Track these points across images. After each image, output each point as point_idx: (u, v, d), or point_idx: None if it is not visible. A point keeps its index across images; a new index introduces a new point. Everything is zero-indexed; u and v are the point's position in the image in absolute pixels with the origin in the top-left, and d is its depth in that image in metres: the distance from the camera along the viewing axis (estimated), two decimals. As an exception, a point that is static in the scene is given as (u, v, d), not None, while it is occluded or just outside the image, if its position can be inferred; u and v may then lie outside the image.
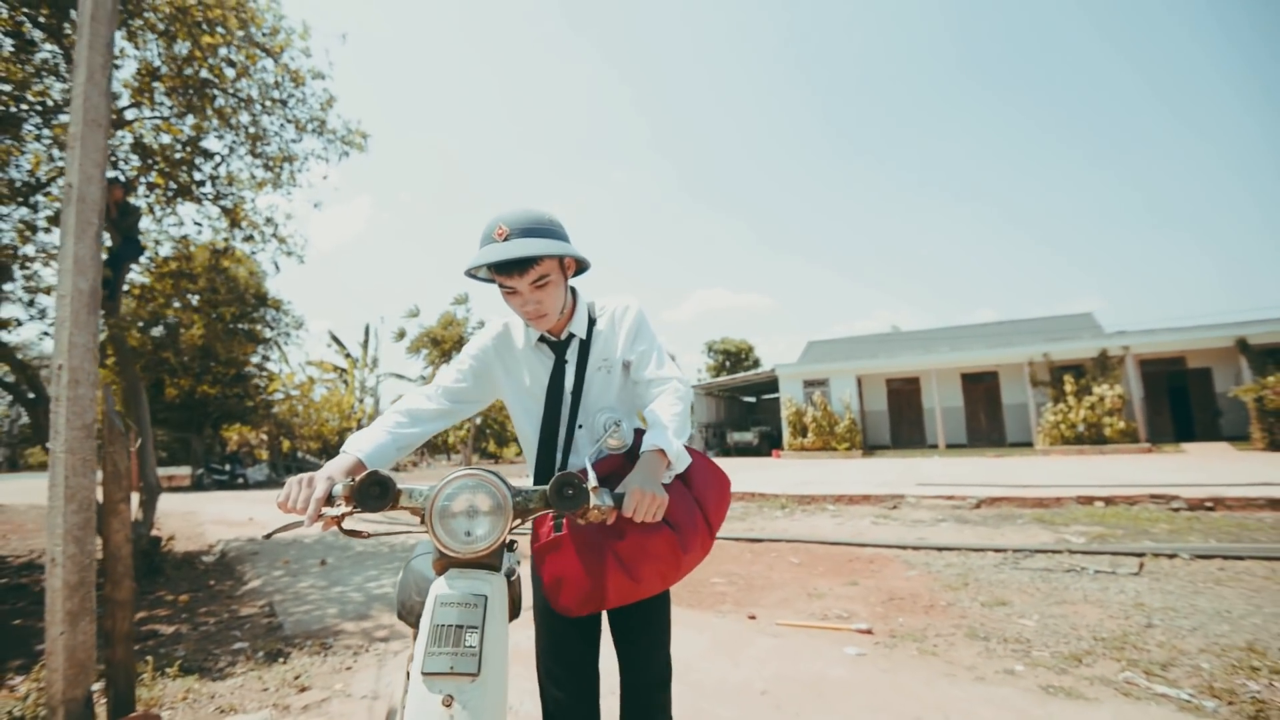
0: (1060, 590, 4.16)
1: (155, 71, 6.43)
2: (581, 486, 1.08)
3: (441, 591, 1.04)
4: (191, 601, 4.95)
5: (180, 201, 7.52)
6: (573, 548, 1.28)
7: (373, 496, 1.05)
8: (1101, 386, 18.33)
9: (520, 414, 1.49)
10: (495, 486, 1.06)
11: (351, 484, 1.05)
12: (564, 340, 1.47)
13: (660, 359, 1.48)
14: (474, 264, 1.28)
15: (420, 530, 1.12)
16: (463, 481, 1.06)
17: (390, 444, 1.35)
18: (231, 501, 13.92)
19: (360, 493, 1.04)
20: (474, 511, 1.06)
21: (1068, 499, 7.95)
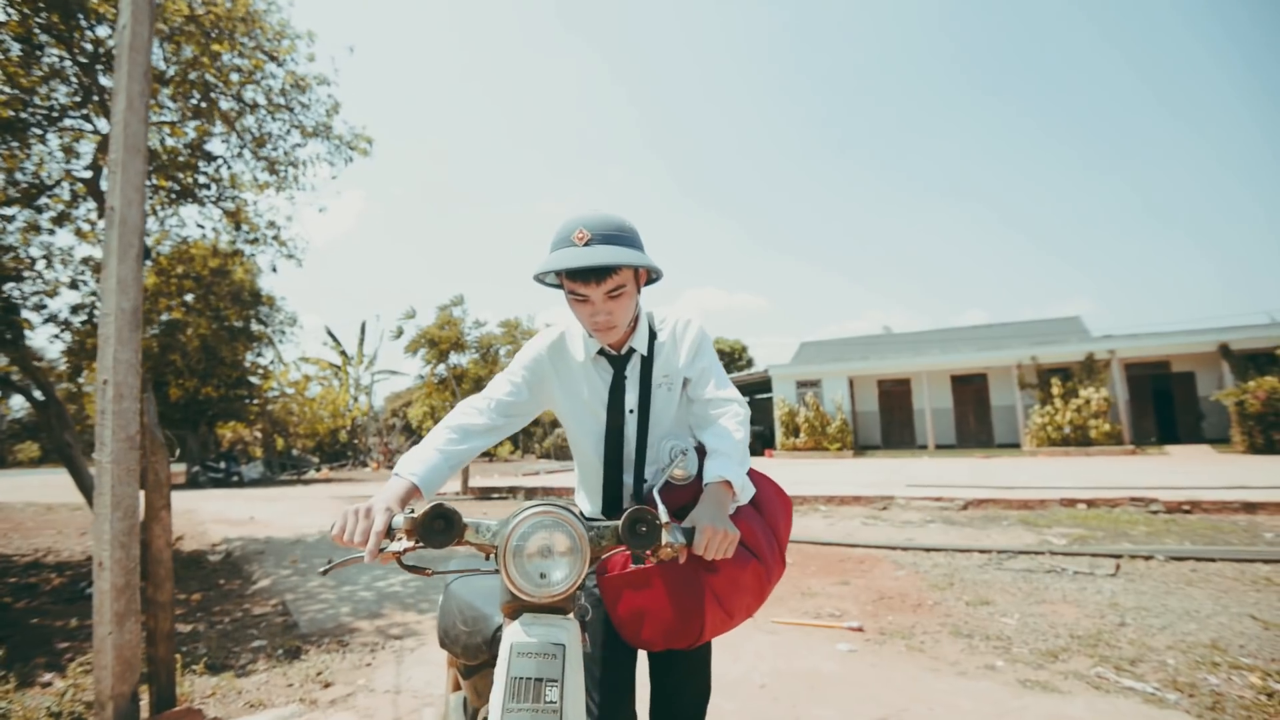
0: (1041, 590, 4.38)
1: (160, 75, 6.53)
2: (655, 524, 1.03)
3: (518, 640, 0.96)
4: (204, 600, 5.10)
5: (183, 203, 7.64)
6: (662, 582, 1.21)
7: (436, 531, 0.98)
8: (1088, 389, 18.67)
9: (577, 429, 1.44)
10: (573, 525, 0.99)
11: (413, 517, 0.99)
12: (624, 355, 1.40)
13: (720, 378, 1.44)
14: (551, 267, 1.21)
15: (488, 569, 1.08)
16: (538, 519, 0.98)
17: (443, 464, 1.27)
18: (229, 499, 14.02)
19: (423, 527, 0.98)
20: (549, 551, 0.98)
21: (1051, 501, 8.21)
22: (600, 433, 1.40)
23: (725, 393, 1.43)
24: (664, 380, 1.41)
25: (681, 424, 1.48)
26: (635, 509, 1.03)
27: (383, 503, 1.06)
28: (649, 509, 1.04)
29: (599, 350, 1.39)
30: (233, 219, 7.80)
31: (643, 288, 1.37)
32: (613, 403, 1.39)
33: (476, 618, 1.32)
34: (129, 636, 2.49)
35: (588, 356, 1.40)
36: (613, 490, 1.41)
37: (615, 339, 1.35)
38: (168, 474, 2.66)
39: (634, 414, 1.39)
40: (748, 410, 1.42)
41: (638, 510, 1.03)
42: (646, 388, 1.40)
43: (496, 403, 1.39)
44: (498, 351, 13.86)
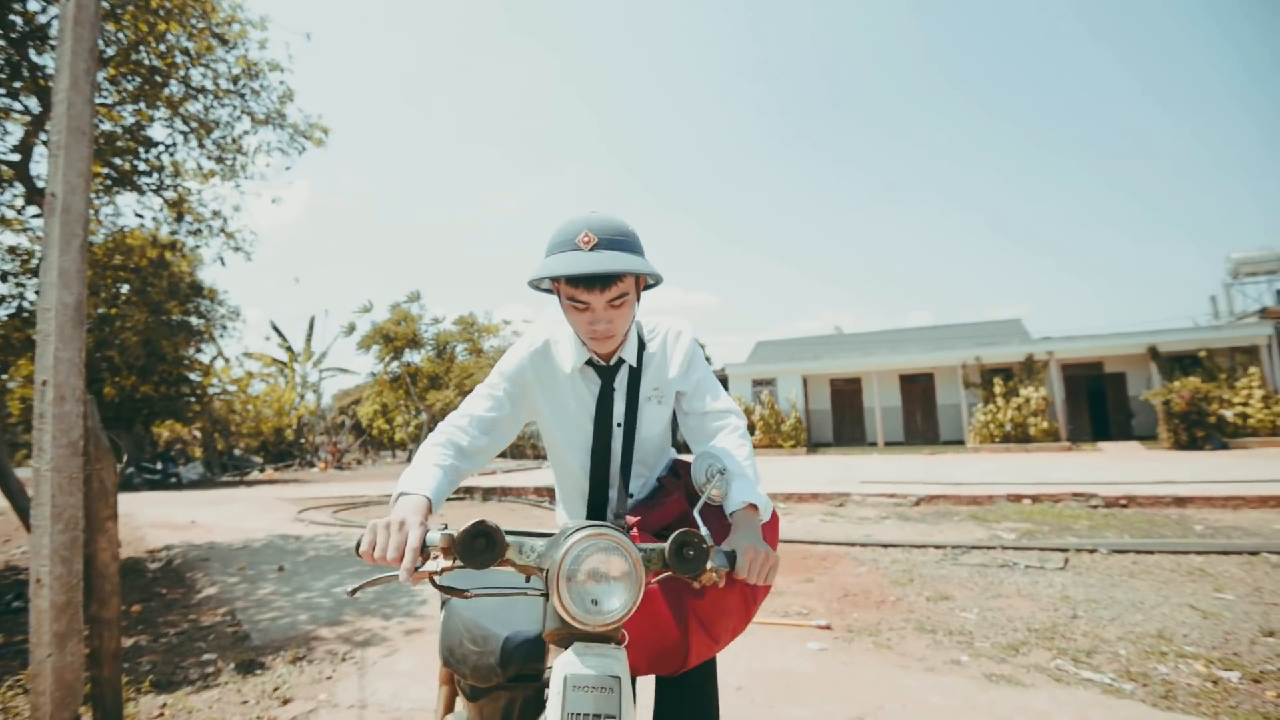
0: (996, 584, 4.53)
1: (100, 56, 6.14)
2: (702, 547, 0.98)
3: (573, 672, 0.89)
4: (145, 612, 4.82)
5: (119, 191, 7.21)
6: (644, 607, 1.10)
7: (477, 551, 0.91)
8: (1028, 389, 19.51)
9: (562, 442, 1.38)
10: (628, 549, 0.92)
11: (451, 534, 0.92)
12: (613, 365, 1.34)
13: (715, 390, 1.41)
14: (555, 272, 1.13)
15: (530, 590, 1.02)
16: (593, 541, 0.91)
17: (445, 480, 1.20)
18: (168, 503, 13.34)
19: (463, 546, 0.91)
20: (602, 576, 0.91)
21: (999, 497, 8.53)
22: (586, 445, 1.35)
23: (722, 404, 1.40)
24: (654, 393, 1.37)
25: (668, 437, 1.45)
26: (682, 531, 0.97)
27: (414, 518, 0.98)
28: (694, 531, 0.99)
29: (587, 360, 1.33)
30: (174, 209, 7.39)
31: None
32: (600, 415, 1.33)
33: (487, 637, 1.25)
34: (71, 659, 2.32)
35: (575, 367, 1.33)
36: (597, 504, 1.37)
37: (610, 349, 1.29)
38: (114, 481, 2.49)
39: (620, 427, 1.35)
40: (745, 420, 1.40)
41: (685, 533, 0.97)
42: (634, 400, 1.35)
43: (477, 420, 1.31)
44: (454, 349, 13.60)
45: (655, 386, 1.37)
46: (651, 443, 1.40)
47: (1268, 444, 15.85)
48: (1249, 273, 25.50)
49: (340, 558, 6.59)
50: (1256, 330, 18.10)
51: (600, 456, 1.35)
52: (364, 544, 0.95)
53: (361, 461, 29.49)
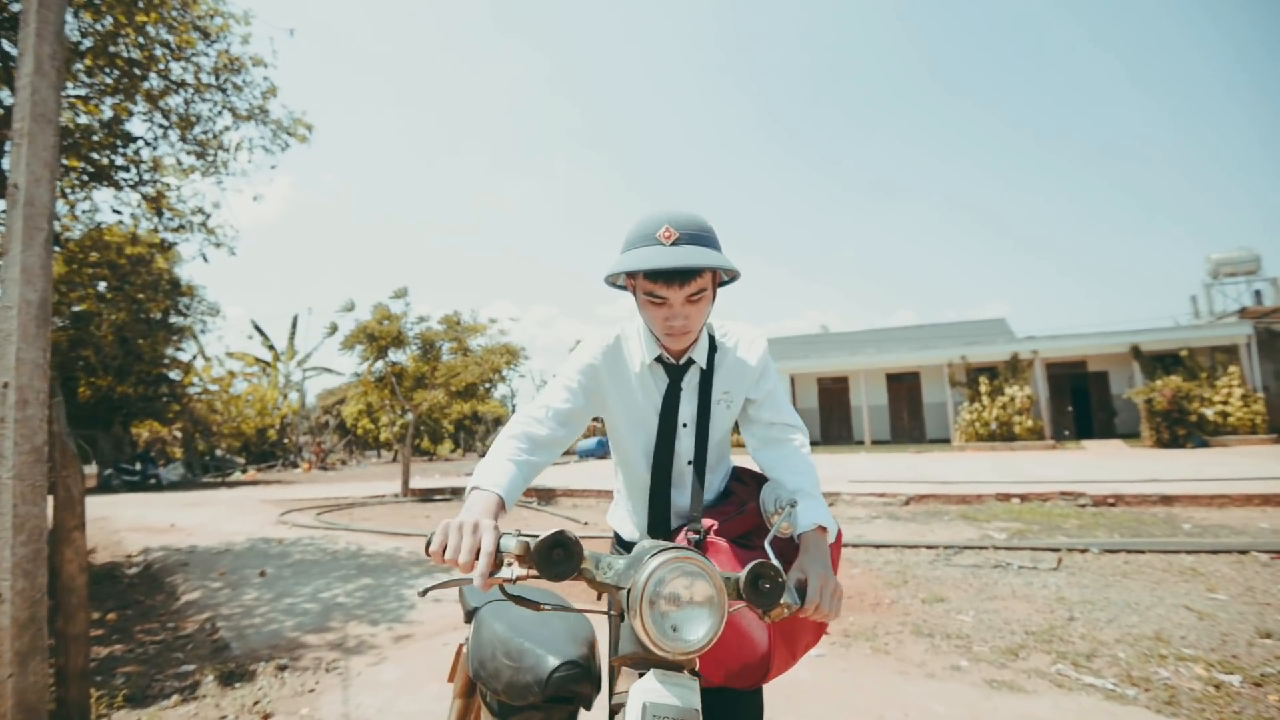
0: (990, 586, 4.50)
1: (75, 46, 5.95)
2: (778, 581, 0.93)
3: (655, 700, 0.85)
4: (121, 620, 4.67)
5: (97, 186, 7.01)
6: (737, 618, 1.10)
7: (555, 561, 0.87)
8: (1012, 387, 19.66)
9: (629, 439, 1.35)
10: (712, 575, 0.86)
11: (527, 541, 0.88)
12: (683, 364, 1.32)
13: (784, 403, 1.40)
14: (638, 266, 1.13)
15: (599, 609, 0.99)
16: (678, 564, 0.85)
17: (519, 476, 1.17)
18: (146, 505, 13.05)
19: (541, 555, 0.86)
20: (682, 601, 0.85)
21: (988, 496, 8.54)
22: (650, 444, 1.34)
23: (788, 418, 1.39)
24: (724, 396, 1.35)
25: (729, 443, 1.43)
26: (758, 563, 0.93)
27: (488, 518, 0.94)
28: (770, 563, 0.94)
29: (656, 357, 1.32)
30: (152, 204, 7.20)
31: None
32: (665, 413, 1.32)
33: (523, 653, 1.20)
34: (34, 678, 2.20)
35: (644, 363, 1.33)
36: (660, 509, 1.33)
37: (684, 345, 1.27)
38: (81, 489, 2.36)
39: (688, 428, 1.33)
40: (808, 437, 1.39)
41: (761, 565, 0.93)
42: (705, 401, 1.33)
43: (554, 412, 1.29)
44: (440, 348, 13.41)
45: (726, 390, 1.35)
46: (719, 447, 1.39)
47: (1247, 442, 16.08)
48: (1228, 273, 25.90)
49: (325, 561, 6.45)
50: (1236, 330, 18.36)
51: (664, 456, 1.32)
52: (434, 544, 0.91)
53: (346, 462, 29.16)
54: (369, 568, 6.00)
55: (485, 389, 13.99)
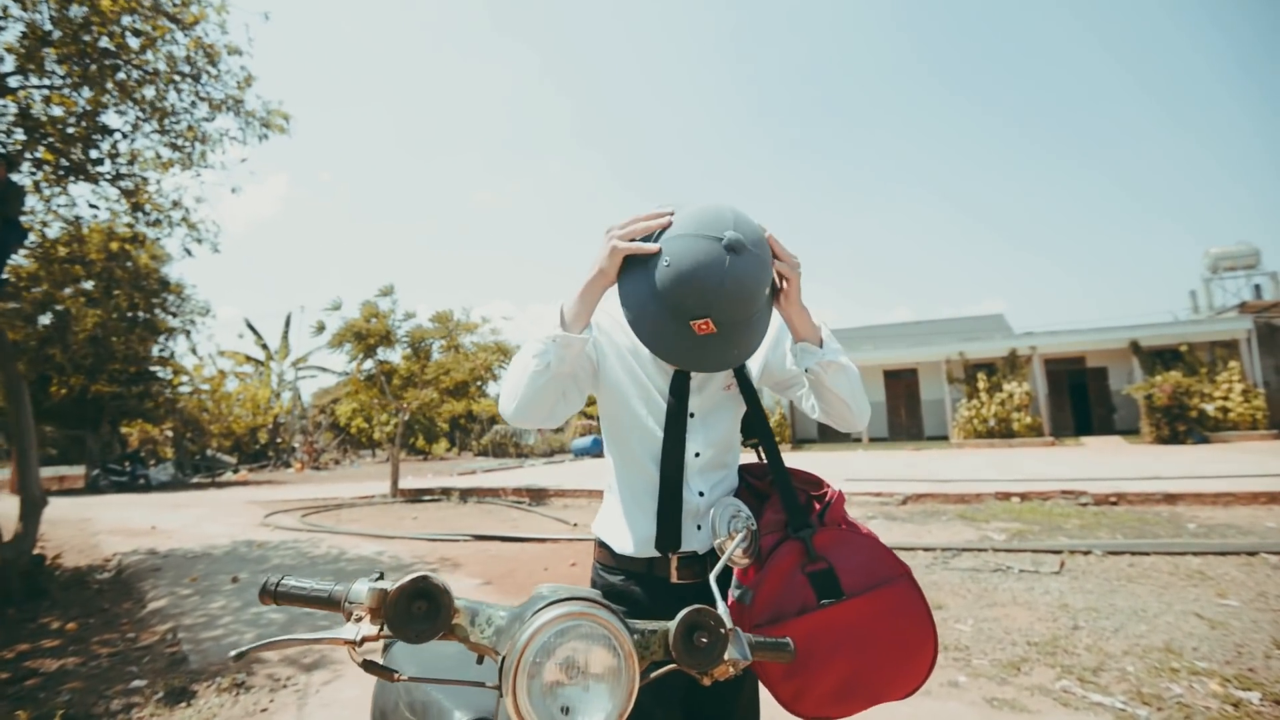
0: (990, 591, 4.31)
1: (46, 36, 5.73)
2: (720, 632, 0.72)
3: None
4: (82, 630, 4.46)
5: (73, 180, 6.79)
6: (872, 618, 1.02)
7: (414, 617, 0.67)
8: (1011, 384, 19.48)
9: (630, 428, 1.20)
10: (617, 636, 0.67)
11: (382, 589, 0.67)
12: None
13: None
14: (651, 347, 1.07)
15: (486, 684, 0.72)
16: (568, 622, 0.66)
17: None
18: (132, 506, 12.84)
19: (397, 610, 0.66)
20: (579, 672, 0.66)
21: (987, 495, 8.35)
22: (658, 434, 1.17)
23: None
24: (732, 382, 1.23)
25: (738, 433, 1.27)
26: (694, 610, 0.73)
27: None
28: (709, 610, 0.73)
29: None
30: (130, 198, 6.98)
31: None
32: (676, 390, 1.16)
33: (428, 707, 1.00)
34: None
35: None
36: (672, 513, 1.14)
37: None
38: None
39: (695, 417, 1.20)
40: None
41: (698, 613, 0.72)
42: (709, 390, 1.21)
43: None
44: (430, 346, 13.20)
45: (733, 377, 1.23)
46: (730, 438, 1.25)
47: (1247, 438, 15.91)
48: (1227, 267, 25.73)
49: (303, 567, 6.25)
50: (1235, 324, 18.19)
51: (674, 447, 1.15)
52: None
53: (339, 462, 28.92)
54: (345, 574, 5.79)
55: (478, 387, 13.79)
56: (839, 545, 1.08)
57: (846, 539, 1.09)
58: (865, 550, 1.08)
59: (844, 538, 1.09)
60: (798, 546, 1.06)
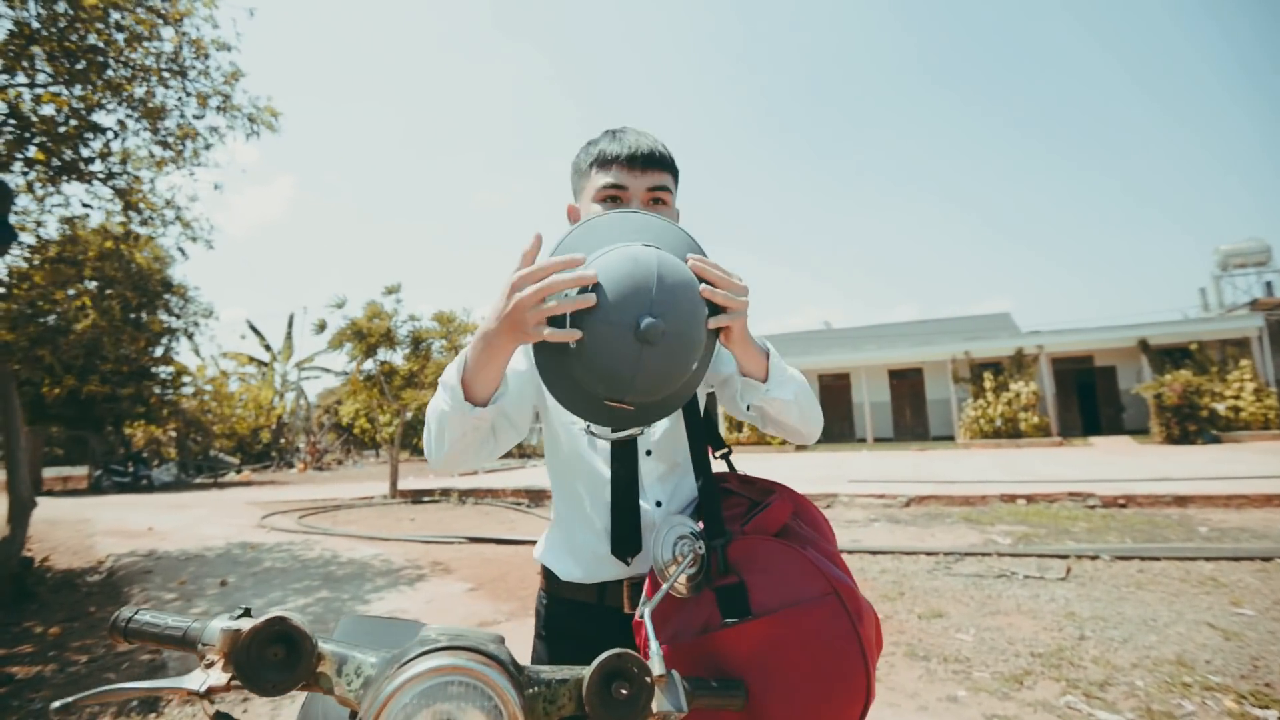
0: (994, 599, 4.17)
1: (34, 34, 5.65)
2: (646, 682, 0.60)
3: None
4: (64, 634, 4.38)
5: (66, 180, 6.72)
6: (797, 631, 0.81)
7: (268, 666, 0.57)
8: (1018, 383, 19.26)
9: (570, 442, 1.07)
10: (500, 694, 0.56)
11: (235, 630, 0.57)
12: None
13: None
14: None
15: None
16: (435, 679, 0.55)
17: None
18: (131, 507, 12.82)
19: (248, 656, 0.56)
20: None
21: (992, 497, 8.20)
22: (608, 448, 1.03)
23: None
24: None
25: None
26: (613, 655, 0.60)
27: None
28: (629, 653, 0.61)
29: None
30: (123, 198, 6.91)
31: None
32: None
33: None
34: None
35: None
36: (627, 519, 1.01)
37: None
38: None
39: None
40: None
41: (617, 658, 0.60)
42: None
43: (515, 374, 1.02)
44: (430, 346, 13.11)
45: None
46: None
47: (1260, 437, 15.66)
48: (1238, 264, 25.39)
49: (293, 570, 6.16)
50: (1247, 322, 17.93)
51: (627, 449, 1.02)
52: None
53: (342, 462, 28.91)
54: (334, 579, 5.70)
55: (479, 388, 13.69)
56: (756, 557, 0.88)
57: (767, 550, 0.88)
58: (788, 563, 0.86)
59: (763, 549, 0.88)
60: (711, 559, 0.90)
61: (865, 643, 0.80)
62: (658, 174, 1.02)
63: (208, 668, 0.58)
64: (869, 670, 0.79)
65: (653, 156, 1.01)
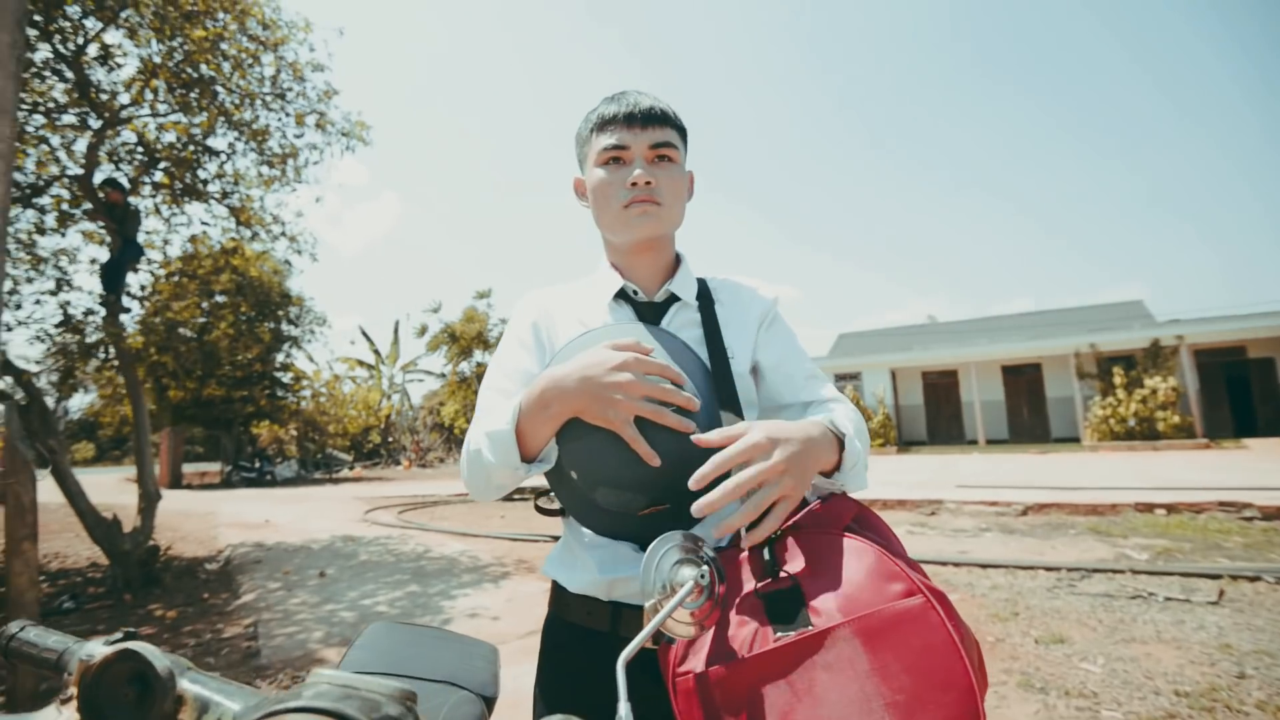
0: (1127, 623, 3.62)
1: (155, 68, 6.19)
2: None
3: None
4: (179, 619, 4.71)
5: (188, 200, 7.35)
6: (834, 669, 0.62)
7: (119, 705, 0.45)
8: (1154, 378, 17.27)
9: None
10: None
11: (90, 662, 0.46)
12: (662, 302, 0.97)
13: (814, 369, 0.98)
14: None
15: None
16: None
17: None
18: (254, 500, 13.95)
19: (95, 692, 0.45)
20: None
21: (1124, 505, 7.30)
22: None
23: (826, 391, 0.95)
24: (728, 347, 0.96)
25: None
26: None
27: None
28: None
29: (618, 291, 0.97)
30: (236, 215, 7.48)
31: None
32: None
33: None
34: (-26, 700, 2.02)
35: (602, 305, 0.97)
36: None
37: (655, 230, 0.93)
38: (32, 497, 2.18)
39: None
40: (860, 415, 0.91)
41: None
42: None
43: (523, 374, 0.96)
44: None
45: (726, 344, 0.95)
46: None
47: None
48: None
49: (387, 564, 6.39)
50: None
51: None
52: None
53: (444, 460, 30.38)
54: (424, 573, 5.84)
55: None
56: (816, 553, 0.68)
57: (829, 545, 0.69)
58: (859, 560, 0.66)
59: (824, 543, 0.69)
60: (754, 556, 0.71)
61: (972, 663, 0.59)
62: (659, 129, 0.92)
63: (64, 703, 0.46)
64: (978, 699, 0.57)
65: (653, 113, 0.92)
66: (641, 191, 0.90)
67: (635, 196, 0.90)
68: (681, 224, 0.99)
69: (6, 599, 2.21)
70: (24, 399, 5.83)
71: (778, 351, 0.97)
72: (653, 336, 0.87)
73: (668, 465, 0.77)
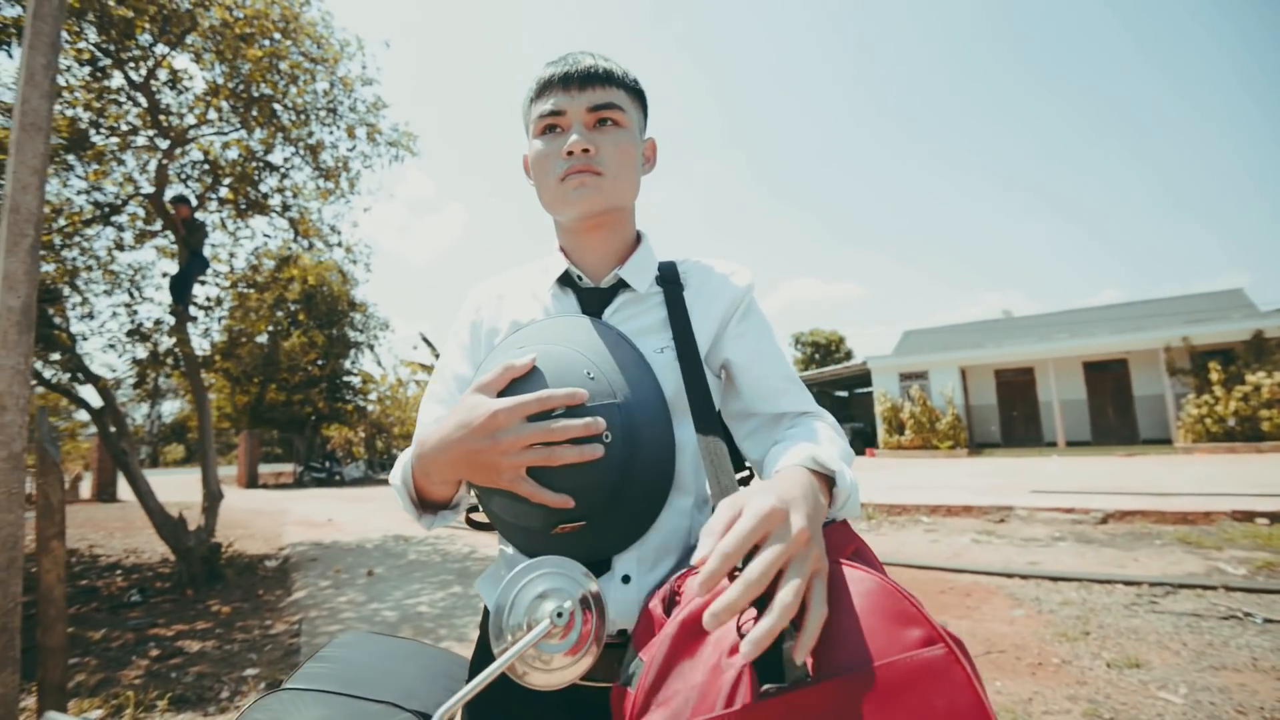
0: (1217, 647, 3.23)
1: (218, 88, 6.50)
2: None
3: None
4: (233, 614, 4.88)
5: (251, 214, 7.71)
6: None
7: None
8: (1257, 374, 15.78)
9: None
10: None
11: None
12: (608, 289, 0.85)
13: (790, 371, 0.86)
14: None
15: None
16: None
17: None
18: (321, 499, 14.55)
19: None
20: None
21: (1220, 514, 6.63)
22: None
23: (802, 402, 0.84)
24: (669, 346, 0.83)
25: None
26: None
27: None
28: None
29: (562, 275, 0.86)
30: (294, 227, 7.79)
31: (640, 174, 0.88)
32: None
33: None
34: (2, 689, 2.09)
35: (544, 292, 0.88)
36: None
37: (597, 204, 0.81)
38: (60, 497, 2.25)
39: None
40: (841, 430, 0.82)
41: None
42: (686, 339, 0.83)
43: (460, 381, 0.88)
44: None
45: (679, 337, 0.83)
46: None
47: None
48: None
49: (433, 564, 6.47)
50: None
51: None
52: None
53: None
54: (468, 574, 5.88)
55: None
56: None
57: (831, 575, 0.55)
58: (865, 598, 0.53)
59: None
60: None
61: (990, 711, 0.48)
62: (600, 89, 0.81)
63: None
64: None
65: (594, 71, 0.81)
66: (579, 160, 0.79)
67: (572, 167, 0.80)
68: (635, 196, 0.88)
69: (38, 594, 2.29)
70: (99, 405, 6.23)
71: (750, 349, 0.85)
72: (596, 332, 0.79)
73: (582, 491, 0.69)
